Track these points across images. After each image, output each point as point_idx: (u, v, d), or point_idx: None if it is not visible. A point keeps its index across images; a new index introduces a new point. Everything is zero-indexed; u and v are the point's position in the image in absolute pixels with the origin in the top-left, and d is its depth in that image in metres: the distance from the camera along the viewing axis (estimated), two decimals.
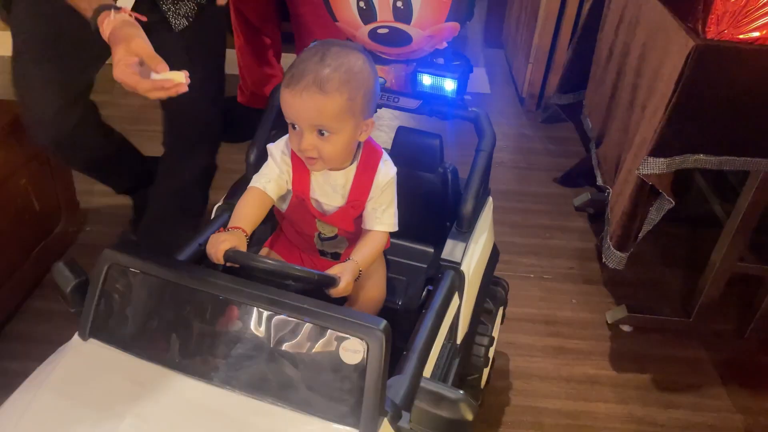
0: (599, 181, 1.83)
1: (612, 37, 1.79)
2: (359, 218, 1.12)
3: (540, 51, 2.74)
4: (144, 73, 1.04)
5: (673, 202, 1.45)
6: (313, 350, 0.88)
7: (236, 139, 2.22)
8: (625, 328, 1.81)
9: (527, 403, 1.59)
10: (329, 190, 1.09)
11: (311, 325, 0.88)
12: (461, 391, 0.87)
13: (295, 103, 0.97)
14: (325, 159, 1.02)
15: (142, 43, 1.05)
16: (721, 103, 1.32)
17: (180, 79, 1.03)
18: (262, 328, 0.90)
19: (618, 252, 1.54)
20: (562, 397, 1.61)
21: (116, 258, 0.95)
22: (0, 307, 1.62)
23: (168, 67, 1.04)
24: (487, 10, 3.67)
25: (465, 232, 1.26)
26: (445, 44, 1.33)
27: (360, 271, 1.05)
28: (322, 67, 0.97)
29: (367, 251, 1.09)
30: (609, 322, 1.82)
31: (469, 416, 0.85)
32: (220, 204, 1.26)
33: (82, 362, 0.94)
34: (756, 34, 1.26)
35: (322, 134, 0.99)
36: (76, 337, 0.97)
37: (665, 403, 1.61)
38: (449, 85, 1.34)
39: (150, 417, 0.85)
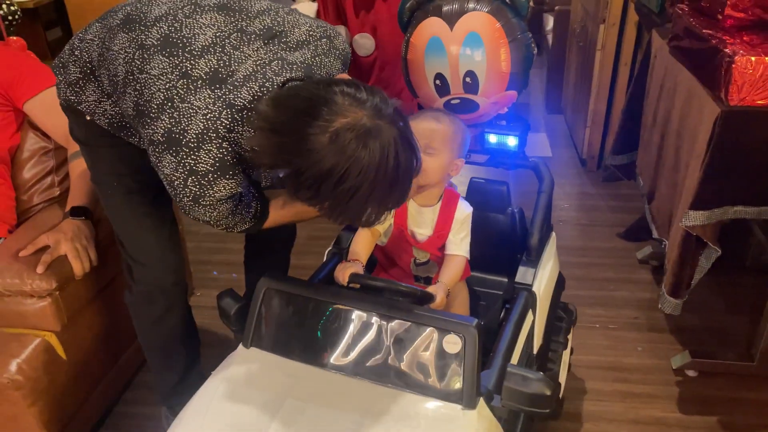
0: (654, 235, 1.97)
1: (655, 104, 1.98)
2: (443, 247, 1.39)
3: (596, 115, 2.93)
4: None
5: (719, 251, 1.58)
6: (422, 345, 1.12)
7: None
8: (690, 373, 1.90)
9: None
10: (422, 221, 1.38)
11: (420, 325, 1.13)
12: (540, 372, 1.10)
13: (416, 127, 1.19)
14: (427, 173, 1.27)
15: None
16: (750, 159, 1.47)
17: None
18: (382, 330, 1.15)
19: (672, 299, 1.66)
20: None
21: (270, 283, 1.23)
22: (130, 363, 1.92)
23: None
24: (546, 79, 3.90)
25: (534, 260, 1.46)
26: (506, 109, 1.58)
27: (448, 290, 1.30)
28: (436, 113, 1.37)
29: (451, 273, 1.35)
30: (674, 367, 1.91)
31: (548, 391, 1.06)
32: (330, 249, 1.52)
33: (248, 363, 1.21)
34: None
35: (429, 153, 1.28)
36: (240, 347, 1.24)
37: None
38: (512, 141, 1.59)
39: (304, 398, 1.11)
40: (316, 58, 1.18)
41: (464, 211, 1.39)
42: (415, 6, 1.51)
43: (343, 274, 1.25)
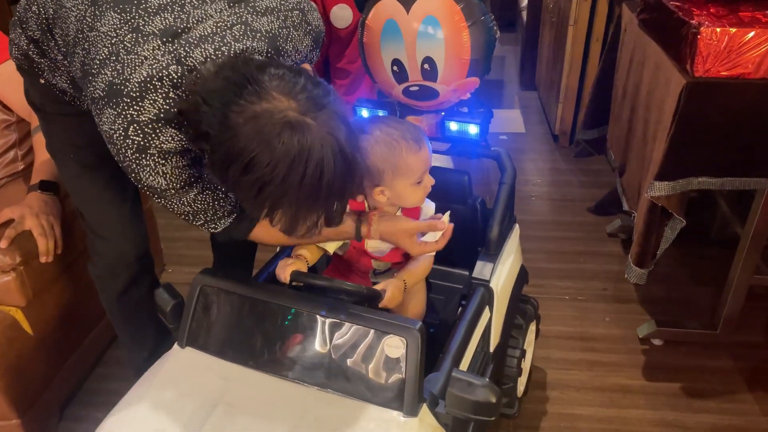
0: (625, 207, 2.00)
1: (624, 77, 1.99)
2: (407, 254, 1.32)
3: (569, 90, 2.95)
4: None
5: (684, 222, 1.61)
6: (363, 348, 1.09)
7: None
8: (656, 341, 1.95)
9: (564, 410, 1.74)
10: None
11: (361, 327, 1.09)
12: (486, 378, 1.06)
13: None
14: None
15: None
16: (713, 131, 1.50)
17: None
18: (323, 332, 1.12)
19: (637, 268, 1.69)
20: (596, 405, 1.75)
21: (206, 280, 1.20)
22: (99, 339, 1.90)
23: None
24: (521, 55, 3.91)
25: (493, 254, 1.45)
26: (468, 95, 1.55)
27: (405, 285, 1.24)
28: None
29: (414, 271, 1.28)
30: (640, 336, 1.95)
31: (493, 399, 1.02)
32: None
33: (182, 365, 1.18)
34: (740, 70, 1.45)
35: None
36: (175, 346, 1.22)
37: (694, 409, 1.73)
38: (473, 129, 1.55)
39: (237, 404, 1.08)
40: (284, 30, 1.13)
41: (429, 210, 1.31)
42: None
43: (284, 271, 1.18)
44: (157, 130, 1.03)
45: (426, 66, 1.42)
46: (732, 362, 1.86)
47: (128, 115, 1.02)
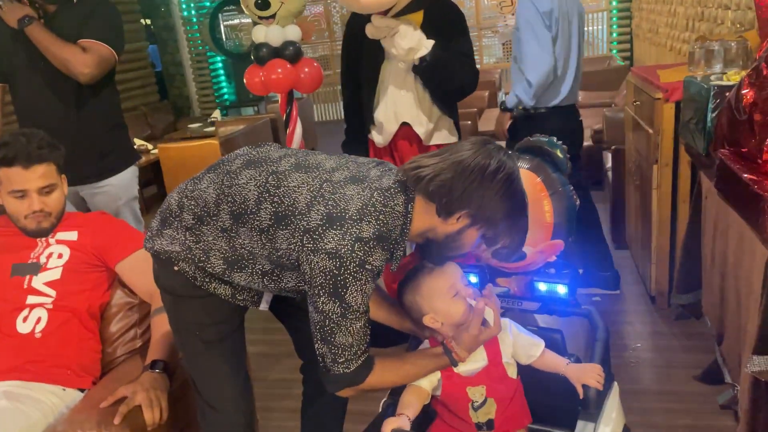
0: (727, 379, 1.88)
1: (711, 243, 1.97)
2: (504, 379, 1.41)
3: (660, 251, 2.90)
4: None
5: None
6: None
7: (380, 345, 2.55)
8: None
9: None
10: (471, 356, 1.40)
11: None
12: None
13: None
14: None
15: None
16: None
17: None
18: None
19: None
20: None
21: None
22: None
23: None
24: (610, 214, 3.92)
25: (593, 413, 1.42)
26: (554, 258, 1.63)
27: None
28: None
29: (552, 356, 1.47)
30: None
31: None
32: (385, 399, 1.55)
33: None
34: None
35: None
36: None
37: None
38: (561, 289, 1.61)
39: None
40: None
41: (506, 327, 1.45)
42: None
43: (386, 429, 1.28)
44: (374, 248, 1.25)
45: None
46: None
47: (353, 233, 1.24)
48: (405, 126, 2.51)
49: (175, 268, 1.48)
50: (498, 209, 1.27)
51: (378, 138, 2.60)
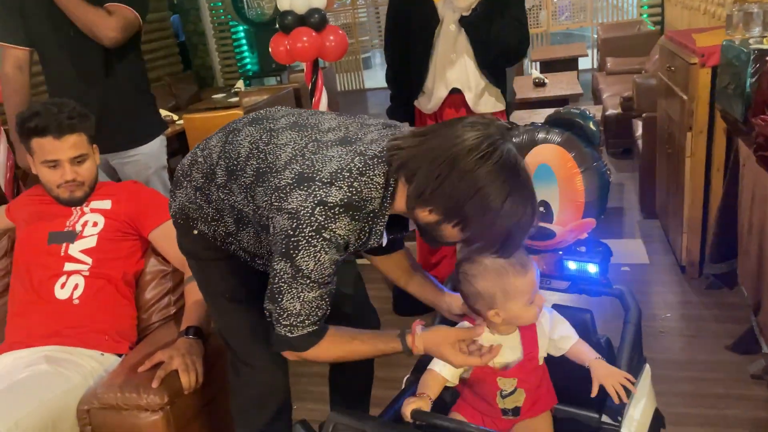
0: (765, 349, 1.86)
1: (749, 212, 1.93)
2: (536, 370, 1.38)
3: (692, 221, 2.85)
4: None
5: None
6: None
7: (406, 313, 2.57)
8: None
9: None
10: (506, 348, 1.35)
11: None
12: None
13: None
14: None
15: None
16: None
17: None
18: None
19: None
20: None
21: (339, 419, 1.28)
22: None
23: None
24: (639, 183, 3.86)
25: (614, 413, 1.38)
26: (585, 235, 1.60)
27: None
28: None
29: (586, 348, 1.40)
30: None
31: None
32: (408, 376, 1.55)
33: None
34: None
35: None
36: None
37: None
38: (592, 268, 1.58)
39: None
40: None
41: (546, 324, 1.39)
42: None
43: (406, 409, 1.26)
44: (338, 216, 1.18)
45: (541, 209, 1.50)
46: None
47: (317, 195, 1.18)
48: (453, 93, 2.52)
49: (195, 232, 1.48)
50: (473, 210, 1.13)
51: (426, 105, 2.60)
